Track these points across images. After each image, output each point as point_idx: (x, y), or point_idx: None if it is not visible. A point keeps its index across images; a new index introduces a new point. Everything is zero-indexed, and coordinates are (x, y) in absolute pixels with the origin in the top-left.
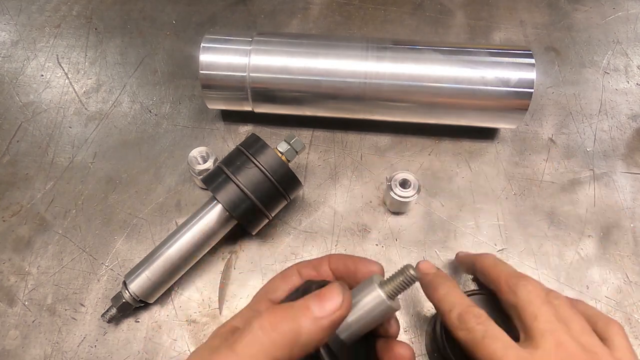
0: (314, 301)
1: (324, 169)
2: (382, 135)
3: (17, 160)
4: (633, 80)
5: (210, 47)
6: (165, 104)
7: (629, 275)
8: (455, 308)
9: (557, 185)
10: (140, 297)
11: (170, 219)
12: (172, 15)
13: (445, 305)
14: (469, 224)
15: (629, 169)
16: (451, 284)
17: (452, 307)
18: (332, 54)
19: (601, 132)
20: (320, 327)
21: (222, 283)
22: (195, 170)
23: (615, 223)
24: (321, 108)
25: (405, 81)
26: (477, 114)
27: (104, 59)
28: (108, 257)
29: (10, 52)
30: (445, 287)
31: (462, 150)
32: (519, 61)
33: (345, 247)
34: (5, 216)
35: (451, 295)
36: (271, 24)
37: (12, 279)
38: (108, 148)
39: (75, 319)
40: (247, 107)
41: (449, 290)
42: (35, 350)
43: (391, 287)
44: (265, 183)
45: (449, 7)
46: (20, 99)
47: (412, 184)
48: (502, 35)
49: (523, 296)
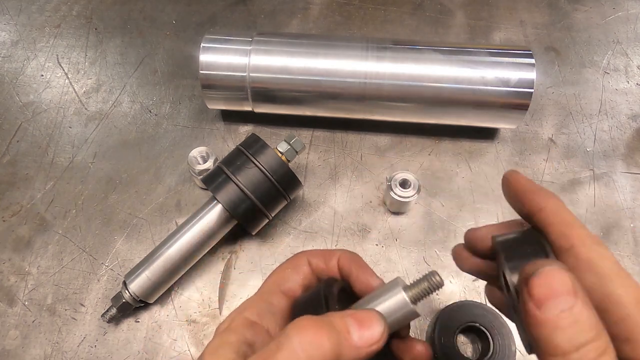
0: (353, 325)
1: (324, 169)
2: (382, 135)
3: (17, 160)
4: (633, 80)
5: (210, 47)
6: (165, 104)
7: None
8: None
9: (557, 185)
10: (140, 297)
11: (170, 219)
12: (172, 15)
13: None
14: (469, 224)
15: (629, 169)
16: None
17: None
18: (332, 54)
19: (601, 132)
20: (358, 356)
21: (222, 283)
22: (195, 170)
23: (615, 223)
24: (321, 108)
25: (405, 81)
26: (477, 114)
27: (104, 59)
28: (108, 257)
29: (10, 52)
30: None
31: (462, 150)
32: (519, 61)
33: (345, 247)
34: (5, 216)
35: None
36: (271, 24)
37: (12, 279)
38: (108, 148)
39: (75, 319)
40: (247, 107)
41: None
42: (35, 350)
43: (415, 292)
44: (265, 183)
45: (449, 7)
46: (20, 99)
47: (412, 184)
48: (502, 35)
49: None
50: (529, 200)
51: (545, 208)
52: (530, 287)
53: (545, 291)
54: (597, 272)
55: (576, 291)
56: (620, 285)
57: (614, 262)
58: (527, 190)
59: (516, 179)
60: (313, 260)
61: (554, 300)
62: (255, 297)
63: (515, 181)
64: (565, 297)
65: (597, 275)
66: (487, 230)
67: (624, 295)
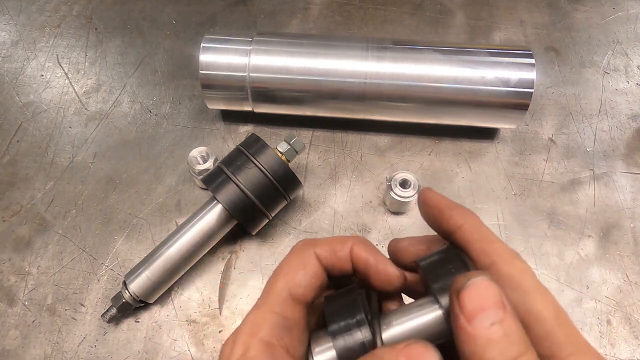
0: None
1: (324, 169)
2: (382, 135)
3: (17, 160)
4: (633, 80)
5: (210, 47)
6: (165, 104)
7: (629, 275)
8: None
9: (557, 185)
10: (140, 297)
11: (170, 219)
12: (172, 15)
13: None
14: None
15: (629, 169)
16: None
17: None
18: (332, 54)
19: (601, 132)
20: None
21: (222, 283)
22: (195, 170)
23: (615, 223)
24: (321, 108)
25: (405, 81)
26: (477, 114)
27: (104, 59)
28: (108, 257)
29: (10, 52)
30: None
31: (462, 150)
32: (519, 61)
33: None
34: (5, 216)
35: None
36: (271, 24)
37: (12, 279)
38: (108, 148)
39: (75, 319)
40: (247, 107)
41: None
42: (35, 350)
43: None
44: (265, 183)
45: (449, 7)
46: (20, 99)
47: (412, 184)
48: (502, 35)
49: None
50: (447, 218)
51: (463, 225)
52: (460, 301)
53: (476, 304)
54: (518, 288)
55: (504, 304)
56: (540, 301)
57: (533, 277)
58: (444, 208)
59: (431, 197)
60: (322, 254)
61: (484, 313)
62: (265, 311)
63: (430, 199)
64: (495, 310)
65: (518, 291)
66: (408, 242)
67: (544, 311)
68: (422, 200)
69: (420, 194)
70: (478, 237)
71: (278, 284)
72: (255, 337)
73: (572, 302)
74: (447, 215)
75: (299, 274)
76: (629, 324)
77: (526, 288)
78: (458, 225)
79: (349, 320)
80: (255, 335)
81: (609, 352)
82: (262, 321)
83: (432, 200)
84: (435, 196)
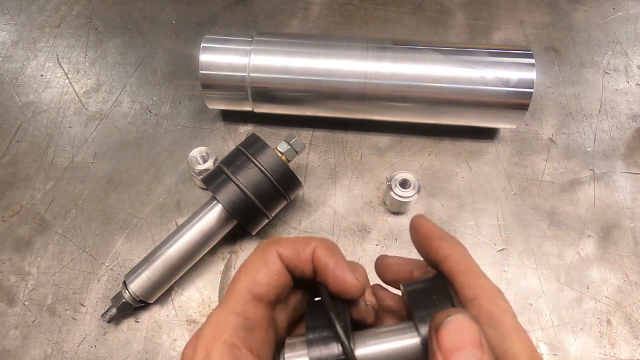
0: None
1: (324, 169)
2: (382, 135)
3: (17, 160)
4: (633, 80)
5: (210, 47)
6: (165, 104)
7: (629, 275)
8: None
9: (557, 185)
10: (140, 297)
11: (170, 219)
12: (172, 15)
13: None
14: (469, 224)
15: (629, 169)
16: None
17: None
18: (332, 54)
19: (601, 132)
20: None
21: (222, 283)
22: (195, 170)
23: (615, 223)
24: (321, 108)
25: (405, 81)
26: (477, 114)
27: (104, 59)
28: (108, 257)
29: (10, 52)
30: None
31: (462, 150)
32: (519, 61)
33: (345, 247)
34: (5, 216)
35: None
36: (271, 24)
37: (12, 279)
38: (108, 148)
39: (75, 319)
40: (247, 107)
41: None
42: (35, 350)
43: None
44: (265, 183)
45: (449, 7)
46: (20, 99)
47: (412, 184)
48: (502, 35)
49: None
50: (435, 248)
51: (450, 256)
52: (439, 337)
53: (453, 341)
54: (497, 327)
55: (482, 343)
56: (518, 342)
57: (513, 317)
58: (434, 237)
59: (422, 224)
60: (285, 253)
61: (461, 352)
62: (228, 312)
63: (421, 226)
64: (472, 349)
65: (496, 329)
66: (394, 261)
67: (520, 354)
68: (413, 227)
69: (412, 221)
70: (465, 270)
71: (239, 283)
72: (218, 339)
73: (572, 302)
74: (437, 244)
75: (260, 273)
76: (629, 324)
77: (506, 329)
78: (446, 255)
79: (328, 332)
80: (218, 337)
81: (609, 352)
82: (225, 323)
83: (423, 227)
84: (426, 223)
